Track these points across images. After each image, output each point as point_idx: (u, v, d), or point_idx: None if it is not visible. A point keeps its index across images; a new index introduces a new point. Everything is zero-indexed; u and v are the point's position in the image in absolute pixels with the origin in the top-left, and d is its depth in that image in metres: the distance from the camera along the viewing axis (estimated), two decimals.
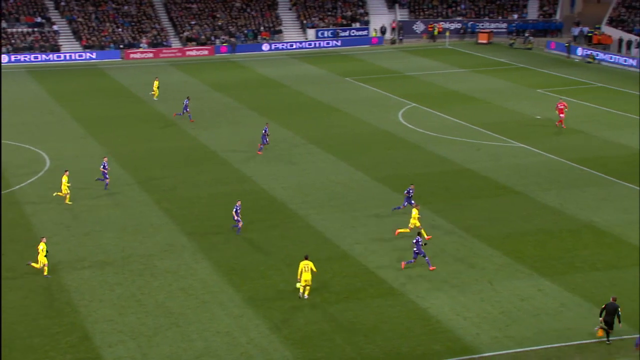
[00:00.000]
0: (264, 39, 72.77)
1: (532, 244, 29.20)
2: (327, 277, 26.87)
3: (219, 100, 53.17)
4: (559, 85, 55.74)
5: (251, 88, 56.87)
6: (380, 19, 76.19)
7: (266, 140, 40.44)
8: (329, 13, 76.22)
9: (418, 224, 29.46)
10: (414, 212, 29.59)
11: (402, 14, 76.98)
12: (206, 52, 69.97)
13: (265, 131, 40.72)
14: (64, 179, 33.40)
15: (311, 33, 74.08)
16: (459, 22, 75.70)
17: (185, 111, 46.66)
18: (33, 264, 26.91)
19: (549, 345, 22.64)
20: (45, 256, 26.76)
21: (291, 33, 74.81)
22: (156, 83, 52.55)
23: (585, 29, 70.37)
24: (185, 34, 71.79)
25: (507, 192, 34.82)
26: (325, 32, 74.12)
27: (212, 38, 71.87)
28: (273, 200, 34.24)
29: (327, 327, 23.78)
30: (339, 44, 73.37)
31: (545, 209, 32.65)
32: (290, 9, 76.79)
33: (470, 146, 41.70)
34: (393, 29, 75.75)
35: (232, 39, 71.45)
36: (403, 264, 27.43)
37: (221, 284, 26.43)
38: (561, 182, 35.68)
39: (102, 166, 34.99)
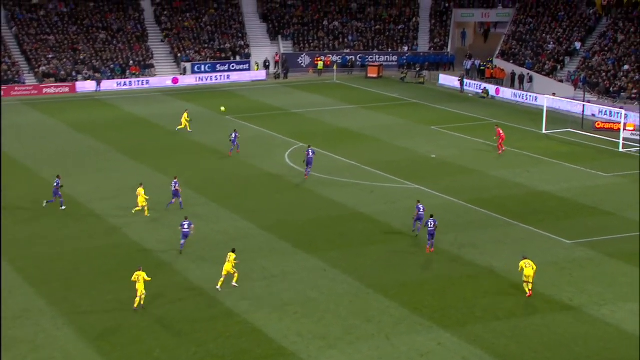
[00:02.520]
0: (133, 74, 72.03)
1: (431, 293, 29.92)
2: (209, 338, 26.50)
3: (82, 143, 52.00)
4: (454, 122, 57.96)
5: (119, 128, 55.98)
6: (263, 52, 77.11)
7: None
8: (206, 45, 76.45)
9: (532, 275, 29.41)
10: (526, 264, 29.54)
11: (285, 46, 78.23)
12: (67, 90, 68.42)
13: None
14: (141, 191, 37.47)
15: (186, 67, 73.93)
16: (346, 54, 77.64)
17: (234, 143, 48.34)
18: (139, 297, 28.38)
19: None
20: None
21: (164, 67, 74.40)
22: (185, 115, 54.10)
23: (478, 62, 73.78)
24: (42, 69, 69.96)
25: (403, 237, 35.63)
26: (202, 66, 74.20)
27: (74, 74, 70.44)
28: (147, 253, 33.59)
29: None
30: (217, 79, 73.59)
31: (443, 254, 33.61)
32: (162, 41, 76.47)
33: (363, 188, 42.52)
34: (276, 62, 76.78)
35: (98, 75, 70.35)
36: (427, 248, 33.37)
37: (87, 353, 25.54)
38: (458, 225, 36.89)
39: (173, 186, 38.47)
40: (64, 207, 38.78)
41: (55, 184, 38.86)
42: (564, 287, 30.47)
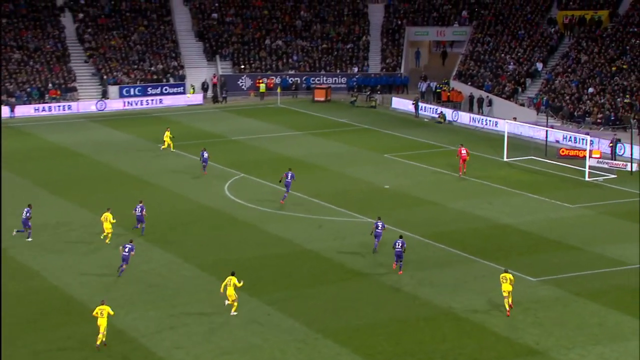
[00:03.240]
0: (53, 98, 71.25)
1: (385, 337, 30.00)
2: None
3: None
4: (408, 149, 58.57)
5: (37, 159, 55.24)
6: (199, 73, 77.11)
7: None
8: (136, 66, 76.15)
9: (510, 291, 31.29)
10: (504, 279, 31.57)
11: (224, 68, 78.36)
12: None
13: None
14: (108, 216, 38.59)
15: (114, 90, 73.47)
16: (291, 76, 78.06)
17: (205, 162, 50.95)
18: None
19: None
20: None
21: (88, 91, 73.81)
22: (167, 133, 56.55)
23: (434, 84, 74.82)
24: None
25: (354, 276, 35.74)
26: (132, 90, 73.81)
27: None
28: (69, 299, 33.10)
29: None
30: (148, 103, 73.26)
31: (399, 295, 33.77)
32: (86, 62, 75.93)
33: (310, 223, 42.62)
34: (214, 84, 76.81)
35: (12, 99, 69.43)
36: (394, 265, 35.44)
37: None
38: (415, 262, 37.14)
39: (137, 210, 40.14)
40: (30, 239, 39.34)
41: (25, 214, 39.20)
42: (528, 330, 30.81)
